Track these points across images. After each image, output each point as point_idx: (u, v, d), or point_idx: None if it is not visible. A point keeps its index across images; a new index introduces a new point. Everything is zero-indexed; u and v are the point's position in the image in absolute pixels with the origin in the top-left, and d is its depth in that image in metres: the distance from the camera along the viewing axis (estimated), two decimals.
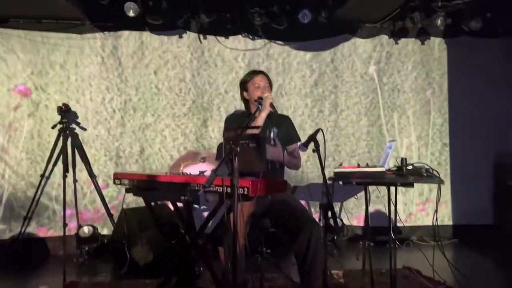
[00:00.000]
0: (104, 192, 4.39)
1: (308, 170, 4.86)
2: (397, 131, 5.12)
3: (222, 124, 4.83)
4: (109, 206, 4.29)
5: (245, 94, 2.98)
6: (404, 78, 5.09)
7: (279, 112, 3.03)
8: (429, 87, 5.10)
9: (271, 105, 2.71)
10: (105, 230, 4.51)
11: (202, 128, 4.92)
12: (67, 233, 3.91)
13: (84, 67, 4.68)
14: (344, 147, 5.08)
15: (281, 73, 4.93)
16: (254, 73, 2.99)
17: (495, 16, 4.60)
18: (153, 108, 4.85)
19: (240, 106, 4.68)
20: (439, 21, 4.51)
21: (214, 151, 4.80)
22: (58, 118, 4.16)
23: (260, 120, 2.67)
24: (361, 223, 4.84)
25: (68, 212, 4.19)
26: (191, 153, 4.96)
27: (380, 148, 5.09)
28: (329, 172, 2.68)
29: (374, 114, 5.09)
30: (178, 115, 4.89)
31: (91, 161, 4.34)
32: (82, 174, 4.35)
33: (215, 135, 4.92)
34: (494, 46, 4.99)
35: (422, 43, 4.96)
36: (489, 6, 4.53)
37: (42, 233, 4.48)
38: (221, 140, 4.26)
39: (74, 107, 4.48)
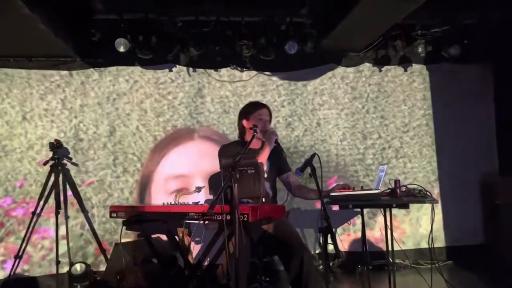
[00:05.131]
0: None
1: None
2: None
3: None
4: None
5: (244, 122, 2.93)
6: None
7: None
8: None
9: (276, 141, 2.73)
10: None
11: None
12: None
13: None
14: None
15: None
16: (258, 106, 2.95)
17: (471, 42, 4.82)
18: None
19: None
20: (420, 48, 4.73)
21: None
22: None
23: (264, 155, 2.68)
24: (354, 249, 4.80)
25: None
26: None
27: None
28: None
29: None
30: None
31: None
32: None
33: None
34: (473, 71, 5.16)
35: (405, 70, 5.12)
36: (466, 33, 4.75)
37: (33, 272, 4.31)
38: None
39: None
